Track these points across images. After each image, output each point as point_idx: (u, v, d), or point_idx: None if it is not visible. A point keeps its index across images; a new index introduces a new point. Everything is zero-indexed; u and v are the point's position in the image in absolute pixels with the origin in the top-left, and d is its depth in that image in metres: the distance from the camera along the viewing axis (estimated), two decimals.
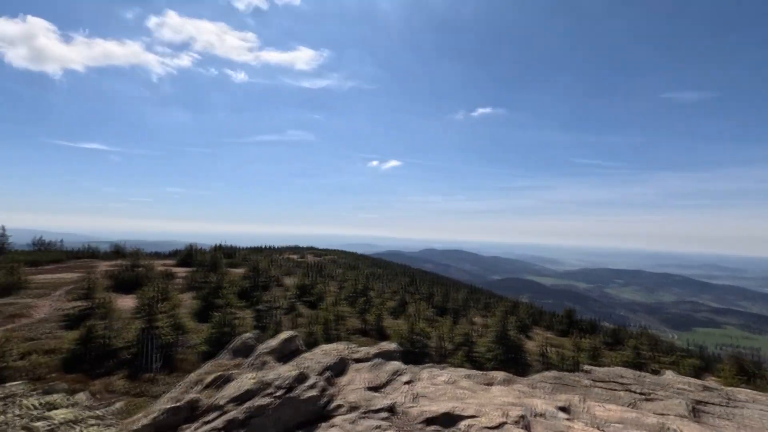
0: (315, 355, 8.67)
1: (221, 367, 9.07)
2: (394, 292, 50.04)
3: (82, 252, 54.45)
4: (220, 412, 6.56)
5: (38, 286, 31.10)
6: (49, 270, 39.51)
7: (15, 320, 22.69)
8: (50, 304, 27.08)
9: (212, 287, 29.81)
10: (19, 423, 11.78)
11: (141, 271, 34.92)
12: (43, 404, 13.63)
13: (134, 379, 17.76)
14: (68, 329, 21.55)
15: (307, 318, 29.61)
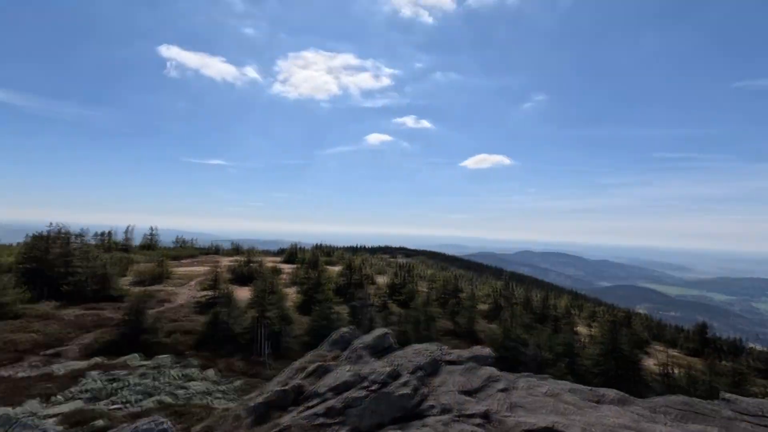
0: (407, 353, 8.81)
1: (321, 357, 9.76)
2: (486, 294, 48.22)
3: (209, 249, 63.67)
4: (321, 399, 7.06)
5: (178, 276, 37.24)
6: (186, 263, 47.03)
7: (163, 304, 27.49)
8: (187, 292, 32.18)
9: (313, 283, 32.28)
10: (167, 389, 14.23)
11: (254, 266, 39.46)
12: (182, 376, 16.27)
13: (249, 361, 20.15)
14: (200, 314, 25.34)
15: (399, 316, 30.20)
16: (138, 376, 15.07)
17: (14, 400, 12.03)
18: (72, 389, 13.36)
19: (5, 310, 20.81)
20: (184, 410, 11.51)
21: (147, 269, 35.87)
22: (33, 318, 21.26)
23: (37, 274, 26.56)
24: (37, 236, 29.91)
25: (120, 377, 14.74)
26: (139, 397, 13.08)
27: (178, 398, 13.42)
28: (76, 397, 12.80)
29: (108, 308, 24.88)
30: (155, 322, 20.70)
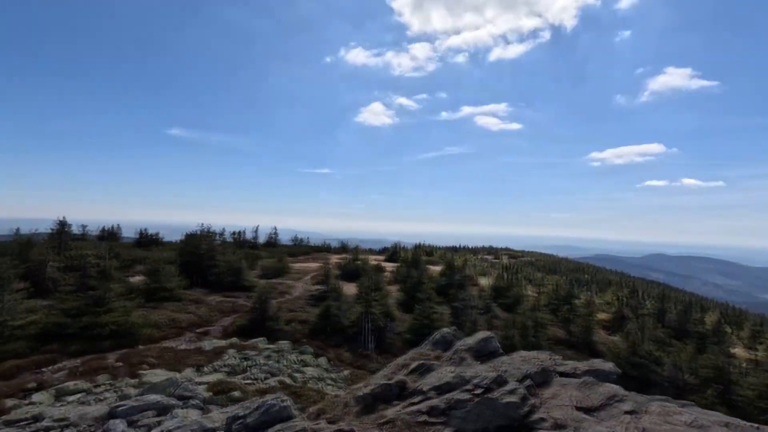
0: (513, 360, 8.33)
1: (423, 356, 9.84)
2: (607, 303, 42.82)
3: (320, 247, 69.47)
4: (424, 397, 7.13)
5: (295, 271, 41.46)
6: (300, 260, 52.07)
7: (283, 296, 30.90)
8: (302, 285, 35.61)
9: (414, 282, 32.77)
10: (287, 371, 15.91)
11: (359, 264, 41.74)
12: (299, 361, 18.00)
13: (356, 353, 21.39)
14: (313, 306, 27.79)
15: (503, 321, 28.75)
16: (264, 357, 17.21)
17: (177, 366, 14.86)
18: (216, 363, 15.92)
19: (171, 294, 25.79)
20: (301, 392, 12.78)
21: (270, 264, 40.74)
22: (189, 302, 25.93)
23: (191, 266, 32.28)
24: (190, 235, 36.34)
25: (251, 357, 17.03)
26: (265, 375, 14.95)
27: (295, 380, 14.96)
28: (218, 370, 15.22)
29: (241, 297, 28.97)
30: (277, 311, 23.38)
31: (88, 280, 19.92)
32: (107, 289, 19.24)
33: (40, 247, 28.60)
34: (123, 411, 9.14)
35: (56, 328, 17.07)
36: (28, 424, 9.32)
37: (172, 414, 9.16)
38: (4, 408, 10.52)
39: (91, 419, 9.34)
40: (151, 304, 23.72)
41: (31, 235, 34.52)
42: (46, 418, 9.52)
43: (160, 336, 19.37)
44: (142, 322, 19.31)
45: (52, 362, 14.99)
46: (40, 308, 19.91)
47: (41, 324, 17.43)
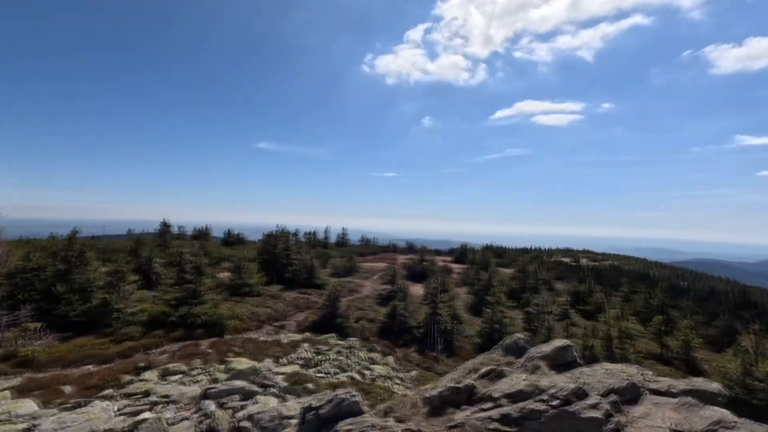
0: (596, 372, 7.65)
1: (493, 361, 9.49)
2: (711, 315, 37.40)
3: (387, 247, 70.41)
4: (494, 404, 6.86)
5: (364, 271, 42.55)
6: (369, 260, 53.29)
7: (352, 294, 31.89)
8: (370, 285, 36.42)
9: (483, 284, 31.73)
10: (356, 368, 16.37)
11: (426, 264, 41.52)
12: (368, 358, 18.41)
13: (423, 354, 21.30)
14: (381, 305, 28.28)
15: (583, 329, 26.58)
16: (335, 353, 17.93)
17: (258, 356, 16.12)
18: (292, 355, 16.95)
19: (252, 289, 28.04)
20: (369, 389, 13.08)
21: (340, 263, 42.33)
22: (268, 297, 27.97)
23: (269, 264, 34.77)
24: (269, 235, 39.15)
25: (323, 351, 17.85)
26: (336, 370, 15.56)
27: (364, 377, 15.35)
28: (294, 362, 16.19)
29: (314, 294, 30.50)
30: (347, 309, 24.20)
31: (185, 275, 22.52)
32: (200, 283, 21.54)
33: (148, 245, 32.97)
34: (214, 393, 10.15)
35: (161, 316, 19.51)
36: (139, 398, 10.79)
37: (255, 399, 9.95)
38: (123, 382, 12.30)
39: (189, 398, 10.51)
40: (235, 298, 26.03)
41: (141, 235, 40.00)
42: (153, 394, 10.94)
43: (243, 327, 21.17)
44: (228, 314, 21.26)
45: (158, 346, 17.17)
46: (148, 298, 22.98)
47: (149, 312, 20.07)
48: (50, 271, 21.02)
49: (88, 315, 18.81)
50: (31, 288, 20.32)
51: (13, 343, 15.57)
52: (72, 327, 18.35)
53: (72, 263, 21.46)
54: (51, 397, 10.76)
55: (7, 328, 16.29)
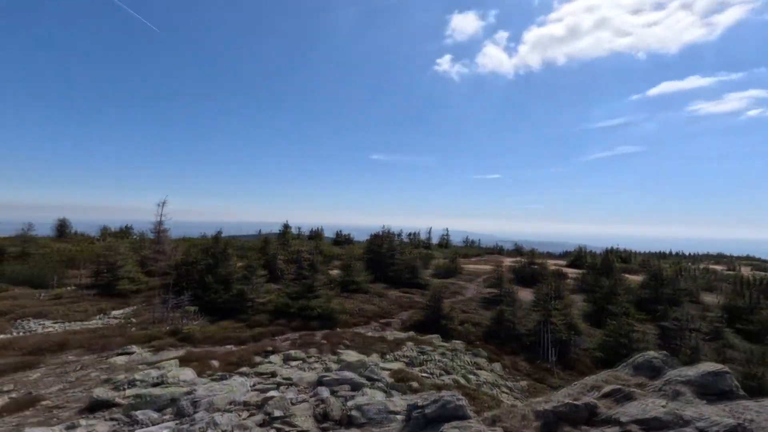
0: (764, 407, 6.14)
1: (619, 380, 8.35)
2: None
3: (493, 249, 67.54)
4: (621, 429, 6.04)
5: (467, 273, 41.55)
6: (472, 261, 51.85)
7: (455, 296, 31.42)
8: (474, 287, 35.38)
9: (604, 292, 28.18)
10: (460, 371, 16.07)
11: (536, 268, 38.62)
12: (473, 363, 17.91)
13: (533, 364, 19.84)
14: (486, 309, 27.25)
15: (744, 353, 21.62)
16: (439, 354, 17.88)
17: (365, 351, 17.02)
18: (397, 353, 17.46)
19: (359, 287, 29.72)
20: (475, 394, 12.71)
21: (442, 264, 42.06)
22: (373, 294, 29.31)
23: (374, 263, 36.39)
24: (374, 235, 41.00)
25: (426, 352, 17.96)
26: (440, 371, 15.51)
27: (469, 382, 14.97)
28: (399, 359, 16.63)
29: (416, 294, 30.91)
30: (450, 311, 23.93)
31: (302, 271, 25.02)
32: (315, 279, 23.66)
33: (272, 244, 37.48)
34: (327, 381, 11.04)
35: (283, 307, 21.99)
36: (268, 377, 12.35)
37: (363, 391, 10.53)
38: (255, 362, 14.23)
39: (306, 383, 11.64)
40: (345, 294, 27.90)
41: (267, 235, 45.73)
42: (278, 376, 12.40)
43: (352, 322, 22.57)
44: (339, 309, 22.91)
45: (281, 333, 19.40)
46: (274, 291, 26.12)
47: (274, 303, 22.79)
48: (202, 265, 25.45)
49: (228, 302, 22.26)
50: (189, 278, 24.93)
51: (178, 321, 19.28)
52: (217, 312, 21.94)
53: (217, 258, 25.65)
54: (203, 369, 13.01)
55: (173, 309, 20.29)
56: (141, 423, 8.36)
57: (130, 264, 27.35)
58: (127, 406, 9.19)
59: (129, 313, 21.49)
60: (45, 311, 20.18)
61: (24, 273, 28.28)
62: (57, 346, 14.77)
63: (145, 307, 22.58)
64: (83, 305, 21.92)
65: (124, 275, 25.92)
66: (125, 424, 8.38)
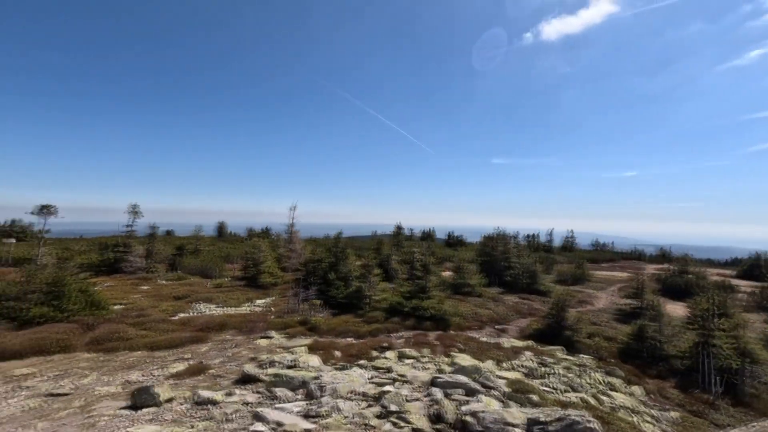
0: None
1: None
2: None
3: (630, 253, 58.49)
4: None
5: (597, 280, 36.87)
6: (603, 267, 45.78)
7: (583, 305, 28.19)
8: (606, 297, 31.20)
9: None
10: (590, 390, 14.35)
11: (690, 278, 32.12)
12: (605, 382, 15.83)
13: (687, 393, 16.48)
14: (622, 323, 23.76)
15: None
16: (563, 368, 16.24)
17: (479, 356, 16.48)
18: (514, 362, 16.47)
19: (473, 290, 28.97)
20: (608, 418, 11.16)
21: (567, 270, 38.16)
22: (488, 299, 28.22)
23: (488, 266, 35.01)
24: (487, 237, 39.48)
25: (548, 364, 16.51)
26: (564, 387, 14.07)
27: (601, 403, 13.22)
28: (516, 368, 15.66)
29: (536, 300, 28.67)
30: (577, 322, 21.56)
31: (415, 272, 25.53)
32: (427, 280, 23.90)
33: (386, 244, 39.18)
34: (440, 382, 11.04)
35: (397, 305, 22.78)
36: (384, 372, 12.95)
37: (478, 398, 10.22)
38: (372, 356, 15.07)
39: (420, 382, 11.83)
40: (457, 296, 27.50)
41: (382, 236, 47.95)
42: (393, 372, 12.90)
43: (465, 326, 22.10)
44: (452, 311, 22.68)
45: (395, 331, 20.11)
46: (388, 289, 27.26)
47: (389, 301, 23.77)
48: (326, 263, 28.05)
49: (348, 298, 24.04)
50: (315, 274, 27.73)
51: (307, 313, 21.62)
52: (338, 306, 23.90)
53: (338, 257, 27.95)
54: (328, 357, 14.32)
55: (303, 301, 22.83)
56: (279, 399, 9.62)
57: (269, 260, 31.77)
58: (268, 382, 10.69)
59: (269, 303, 24.94)
60: (210, 297, 24.79)
61: (196, 265, 35.29)
62: (218, 326, 18.00)
63: (281, 298, 25.91)
64: (236, 294, 26.27)
65: (265, 270, 30.23)
66: (267, 397, 9.74)
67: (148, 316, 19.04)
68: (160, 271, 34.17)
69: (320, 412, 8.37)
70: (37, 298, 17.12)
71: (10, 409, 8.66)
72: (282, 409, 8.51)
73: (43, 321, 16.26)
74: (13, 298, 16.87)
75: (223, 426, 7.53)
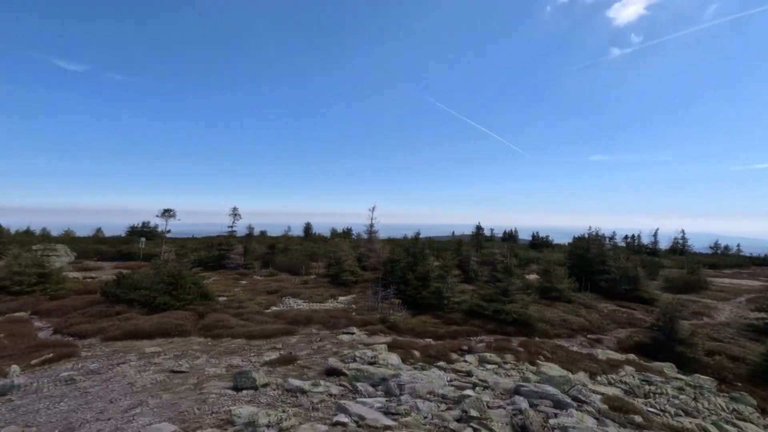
0: None
1: None
2: None
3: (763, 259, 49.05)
4: None
5: (717, 289, 31.58)
6: (726, 274, 39.05)
7: (699, 318, 24.38)
8: (730, 309, 26.57)
9: None
10: (711, 417, 12.38)
11: None
12: (729, 409, 13.50)
13: None
14: (751, 340, 20.03)
15: None
16: (674, 388, 14.21)
17: (569, 366, 15.17)
18: (611, 376, 14.86)
19: (561, 295, 26.85)
20: None
21: (677, 276, 33.36)
22: (579, 305, 25.90)
23: (579, 269, 32.12)
24: (578, 238, 36.26)
25: (654, 382, 14.58)
26: (676, 410, 12.29)
27: None
28: (614, 384, 14.11)
29: (638, 309, 25.54)
30: (691, 336, 18.71)
31: (496, 274, 24.49)
32: (510, 283, 22.77)
33: (466, 245, 38.27)
34: (525, 391, 10.42)
35: (477, 308, 22.10)
36: (463, 376, 12.65)
37: (569, 412, 9.43)
38: (451, 358, 14.84)
39: (502, 389, 11.31)
40: (544, 301, 25.72)
41: (461, 237, 46.98)
42: (473, 376, 12.53)
43: (553, 333, 20.58)
44: (537, 317, 21.29)
45: (475, 334, 19.53)
46: (467, 291, 26.57)
47: (468, 303, 23.17)
48: (404, 263, 28.35)
49: (426, 299, 23.98)
50: (394, 274, 28.19)
51: (386, 311, 22.09)
52: (417, 306, 23.97)
53: (416, 257, 28.05)
54: (407, 356, 14.45)
55: (382, 300, 23.37)
56: (360, 393, 9.98)
57: (350, 259, 33.13)
58: (351, 376, 11.16)
59: (350, 300, 26.01)
60: (298, 293, 26.68)
61: (285, 263, 38.31)
62: (305, 320, 19.30)
63: (361, 296, 26.84)
64: (320, 290, 27.90)
65: (346, 268, 31.61)
66: (349, 391, 10.17)
67: (246, 308, 21.19)
68: (256, 267, 37.79)
69: (400, 410, 8.48)
70: (162, 288, 20.14)
71: (143, 381, 10.31)
72: (363, 404, 8.82)
73: (166, 308, 19.08)
74: (145, 288, 20.10)
75: (311, 414, 8.05)
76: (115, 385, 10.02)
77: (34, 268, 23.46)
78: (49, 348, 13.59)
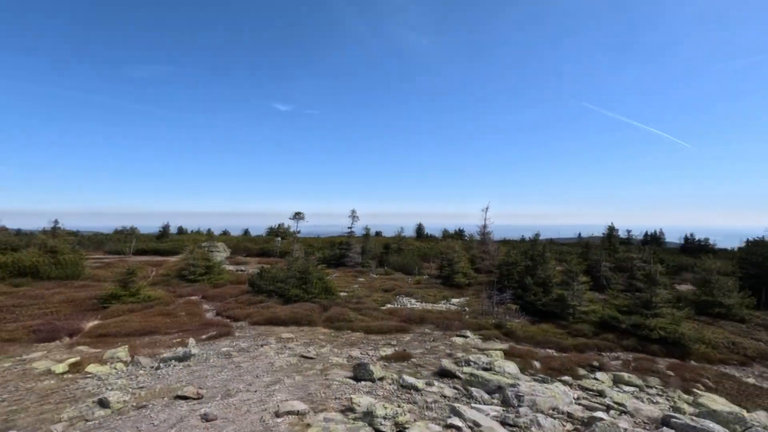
0: None
1: None
2: None
3: None
4: None
5: None
6: None
7: None
8: None
9: None
10: None
11: None
12: None
13: None
14: None
15: None
16: None
17: (742, 402, 12.16)
18: None
19: (728, 312, 21.77)
20: None
21: None
22: (756, 325, 20.63)
23: (756, 281, 25.58)
24: (753, 242, 28.95)
25: None
26: None
27: None
28: None
29: None
30: None
31: (635, 282, 21.10)
32: (653, 293, 19.39)
33: (595, 248, 33.97)
34: (677, 424, 8.73)
35: (611, 320, 19.40)
36: (594, 395, 11.22)
37: None
38: (578, 374, 13.32)
39: (645, 417, 9.68)
40: (702, 318, 21.21)
41: (589, 239, 41.91)
42: (606, 397, 11.02)
43: (717, 358, 16.80)
44: (693, 336, 17.65)
45: (609, 349, 17.14)
46: (598, 300, 23.52)
47: (599, 314, 20.51)
48: (522, 266, 26.59)
49: (548, 306, 22.04)
50: (510, 278, 26.67)
51: (502, 317, 21.03)
52: (537, 313, 22.20)
53: (536, 261, 26.03)
54: (525, 366, 13.49)
55: (497, 304, 22.30)
56: (475, 399, 9.69)
57: (463, 261, 32.51)
58: (464, 380, 10.93)
59: (463, 303, 25.51)
60: (411, 292, 27.30)
61: (399, 262, 39.60)
62: (418, 319, 19.62)
63: (474, 299, 26.07)
64: (433, 291, 28.04)
65: (459, 270, 31.11)
66: (463, 395, 9.97)
67: (364, 303, 22.58)
68: (372, 266, 39.98)
69: (518, 423, 7.97)
70: (293, 282, 22.87)
71: (280, 362, 11.85)
72: (478, 410, 8.55)
73: (296, 299, 21.61)
74: (280, 281, 23.11)
75: (424, 413, 8.15)
76: (260, 362, 11.75)
77: (203, 261, 29.29)
78: (213, 327, 16.74)
